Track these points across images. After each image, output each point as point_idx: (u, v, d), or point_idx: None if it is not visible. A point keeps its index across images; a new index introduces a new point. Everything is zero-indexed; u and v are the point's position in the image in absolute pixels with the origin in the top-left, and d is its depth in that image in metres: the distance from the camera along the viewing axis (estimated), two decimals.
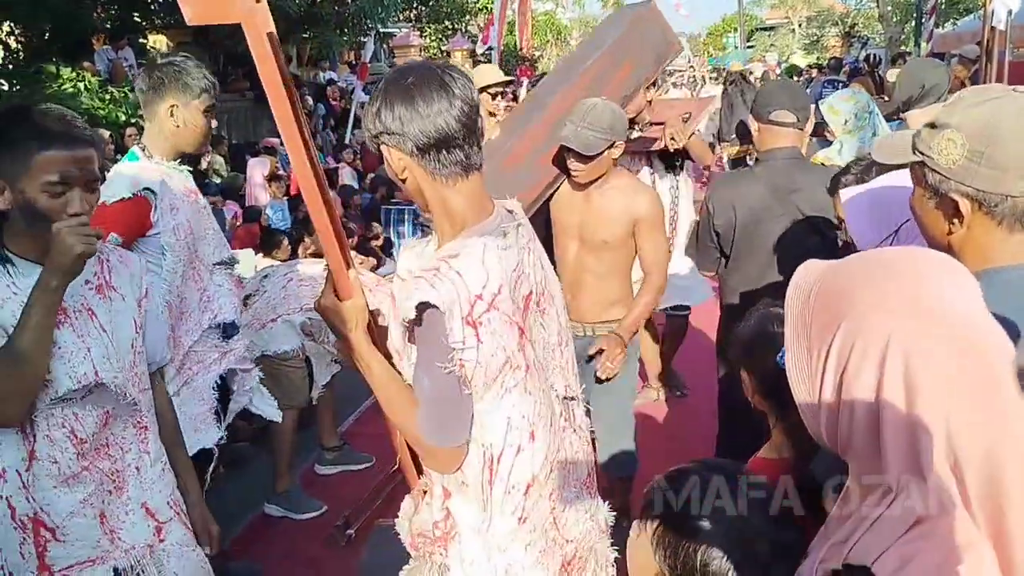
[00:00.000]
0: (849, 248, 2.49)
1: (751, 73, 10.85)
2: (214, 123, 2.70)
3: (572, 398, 1.66)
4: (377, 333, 1.59)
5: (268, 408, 3.11)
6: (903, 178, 1.51)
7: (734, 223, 2.78)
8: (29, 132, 1.65)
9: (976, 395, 0.84)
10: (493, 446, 1.48)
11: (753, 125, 2.85)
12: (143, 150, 2.64)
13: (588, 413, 1.77)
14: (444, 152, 1.42)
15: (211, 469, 2.66)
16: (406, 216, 7.80)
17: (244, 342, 2.92)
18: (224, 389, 2.84)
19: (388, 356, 1.57)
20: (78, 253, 1.65)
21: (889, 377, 0.86)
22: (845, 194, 1.97)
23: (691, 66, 18.75)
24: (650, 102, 3.79)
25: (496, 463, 1.49)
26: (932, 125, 1.29)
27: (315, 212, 1.46)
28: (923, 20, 14.64)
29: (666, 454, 3.36)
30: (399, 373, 1.55)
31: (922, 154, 1.28)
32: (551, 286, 1.63)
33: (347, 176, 9.80)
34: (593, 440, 1.93)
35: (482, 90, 4.62)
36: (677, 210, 4.21)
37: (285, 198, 8.41)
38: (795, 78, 14.80)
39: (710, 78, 18.25)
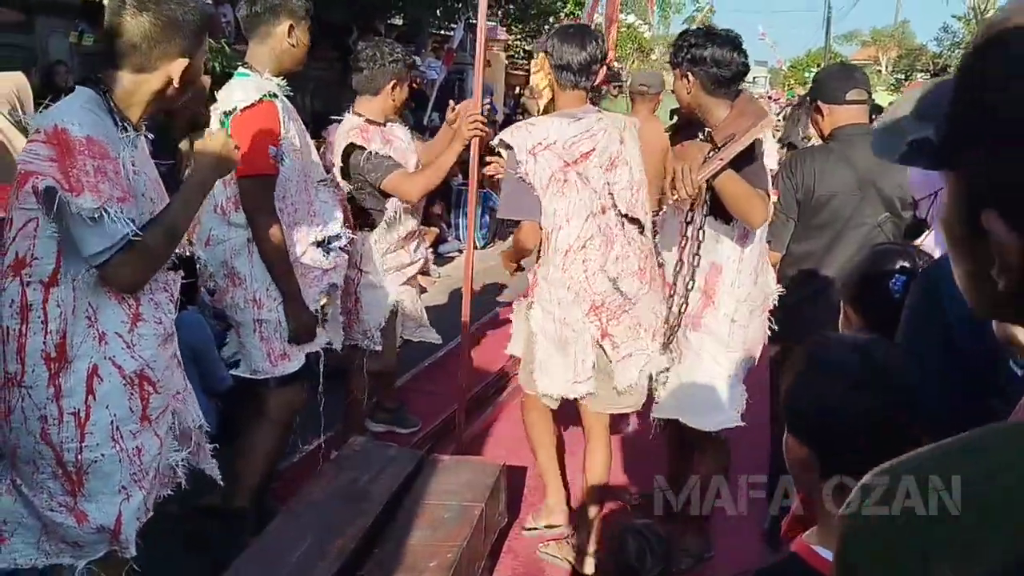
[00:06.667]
0: (921, 226, 2.46)
1: None
2: None
3: (629, 218, 2.71)
4: None
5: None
6: None
7: (811, 197, 2.78)
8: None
9: None
10: (549, 226, 2.66)
11: (825, 109, 2.85)
12: (250, 68, 2.69)
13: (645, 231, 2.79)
14: (563, 72, 2.72)
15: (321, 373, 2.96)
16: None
17: (344, 259, 3.03)
18: None
19: None
20: (231, 168, 2.08)
21: None
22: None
23: (768, 96, 18.41)
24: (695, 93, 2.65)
25: (550, 235, 2.67)
26: None
27: None
28: None
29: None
30: None
31: None
32: (630, 158, 2.72)
33: None
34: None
35: None
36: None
37: None
38: (875, 117, 14.48)
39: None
